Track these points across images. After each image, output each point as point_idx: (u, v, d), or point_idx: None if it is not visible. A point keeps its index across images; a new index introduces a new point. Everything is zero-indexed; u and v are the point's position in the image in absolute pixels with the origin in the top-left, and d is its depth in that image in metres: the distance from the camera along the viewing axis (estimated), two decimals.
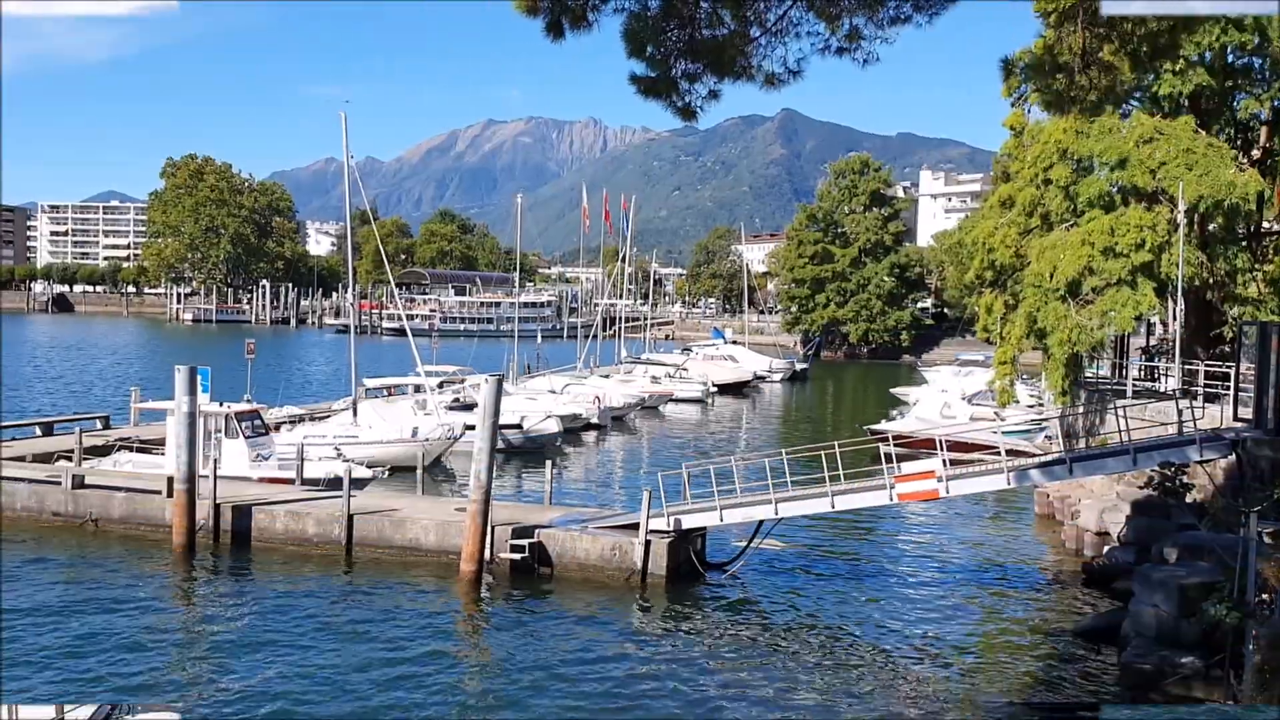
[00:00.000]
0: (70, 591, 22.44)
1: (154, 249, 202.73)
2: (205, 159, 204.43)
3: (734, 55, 12.38)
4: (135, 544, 26.40)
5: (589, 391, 55.39)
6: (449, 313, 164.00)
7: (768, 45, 12.68)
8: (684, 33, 12.31)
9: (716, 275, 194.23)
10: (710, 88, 12.72)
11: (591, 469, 42.23)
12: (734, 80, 12.74)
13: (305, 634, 20.22)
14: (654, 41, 12.26)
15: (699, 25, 12.26)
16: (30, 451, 32.74)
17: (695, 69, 12.48)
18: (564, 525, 25.16)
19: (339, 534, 25.85)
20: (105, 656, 18.70)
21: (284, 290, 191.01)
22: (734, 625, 21.97)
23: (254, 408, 33.51)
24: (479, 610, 22.50)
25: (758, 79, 12.79)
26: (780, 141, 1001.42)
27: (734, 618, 22.45)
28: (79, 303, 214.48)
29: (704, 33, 12.38)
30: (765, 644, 20.77)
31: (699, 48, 12.25)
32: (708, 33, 12.42)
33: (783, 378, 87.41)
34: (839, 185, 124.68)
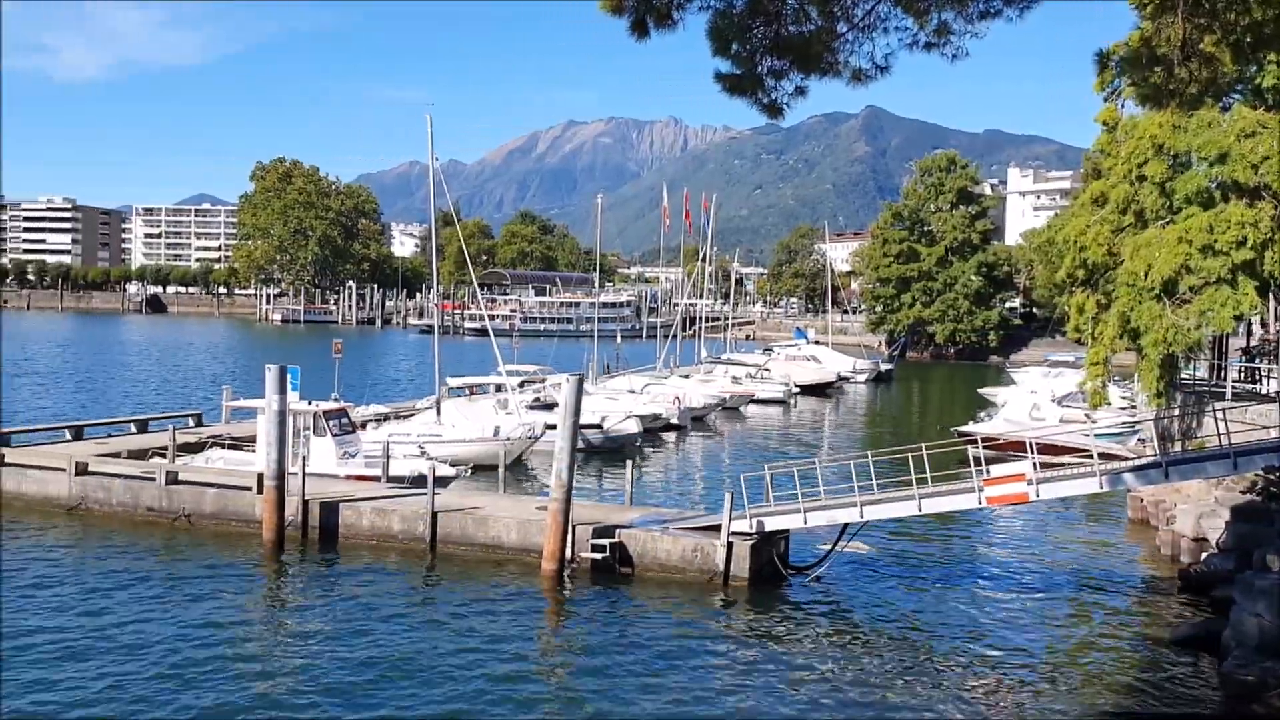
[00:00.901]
0: (164, 585, 22.99)
1: (244, 251, 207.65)
2: (294, 162, 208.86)
3: (821, 51, 12.21)
4: (226, 539, 27.00)
5: (669, 392, 55.32)
6: (529, 313, 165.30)
7: (855, 41, 12.49)
8: (770, 29, 12.17)
9: (799, 274, 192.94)
10: (796, 84, 12.57)
11: (671, 469, 42.15)
12: (820, 76, 12.58)
13: (391, 629, 20.46)
14: (739, 39, 12.14)
15: (785, 21, 12.11)
16: (125, 448, 33.65)
17: (781, 66, 12.34)
18: (645, 525, 25.12)
19: (423, 531, 26.13)
20: (198, 647, 19.10)
21: (369, 291, 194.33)
22: (818, 629, 21.70)
23: (341, 406, 34.01)
24: (561, 609, 22.56)
25: (844, 75, 12.61)
26: (864, 139, 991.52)
27: (818, 621, 22.18)
28: (172, 303, 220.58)
29: (790, 29, 12.23)
30: (850, 648, 20.48)
31: (785, 44, 12.11)
32: (794, 29, 12.26)
33: (867, 379, 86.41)
34: (925, 183, 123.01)
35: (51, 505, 29.41)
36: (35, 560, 24.60)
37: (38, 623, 20.15)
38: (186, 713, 16.43)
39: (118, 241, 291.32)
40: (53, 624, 20.12)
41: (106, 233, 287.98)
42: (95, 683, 17.38)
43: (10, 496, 29.94)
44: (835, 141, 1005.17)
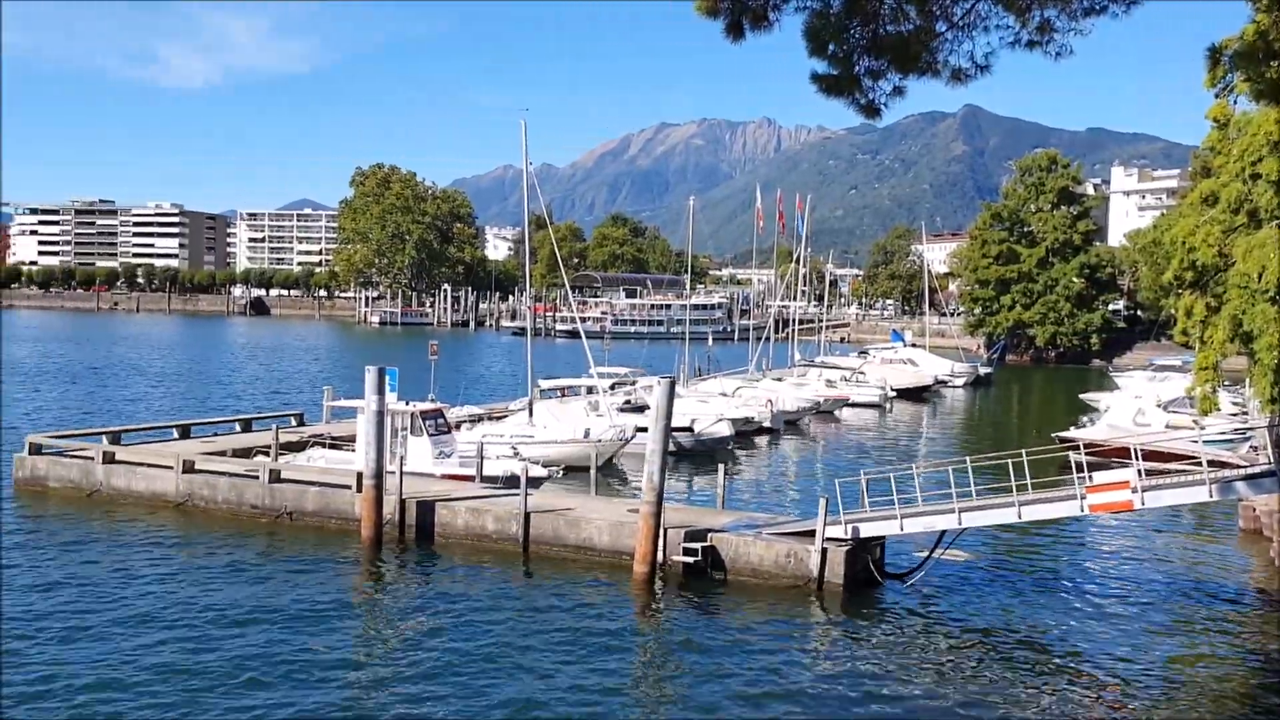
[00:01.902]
0: (266, 580, 23.57)
1: (344, 255, 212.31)
2: (391, 168, 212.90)
3: (919, 51, 12.04)
4: (326, 536, 27.58)
5: (761, 395, 54.98)
6: (620, 315, 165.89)
7: (954, 40, 12.29)
8: (867, 29, 12.03)
9: (895, 276, 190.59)
10: (894, 84, 12.41)
11: (764, 473, 41.89)
12: (919, 76, 12.40)
13: (485, 628, 20.67)
14: (836, 39, 12.02)
15: (883, 21, 11.96)
16: (230, 447, 34.60)
17: (879, 66, 12.19)
18: (737, 530, 24.99)
19: (516, 531, 26.37)
20: (297, 640, 19.54)
21: (464, 294, 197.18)
22: (914, 637, 21.35)
23: (437, 407, 34.50)
24: (653, 612, 22.55)
25: (943, 74, 12.41)
26: (962, 138, 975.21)
27: (914, 630, 21.82)
28: (274, 306, 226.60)
29: (888, 29, 12.08)
30: (945, 657, 20.11)
31: (883, 44, 11.96)
32: (892, 29, 12.11)
33: (965, 382, 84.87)
34: (1025, 182, 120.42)
35: (160, 502, 30.38)
36: (143, 555, 25.43)
37: (145, 611, 20.81)
38: (288, 707, 16.80)
39: (223, 246, 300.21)
40: (159, 616, 20.75)
41: (212, 237, 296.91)
42: (197, 673, 17.89)
43: (121, 493, 31.03)
44: (932, 141, 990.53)
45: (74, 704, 16.56)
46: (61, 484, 31.91)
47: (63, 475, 32.04)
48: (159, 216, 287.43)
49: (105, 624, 20.19)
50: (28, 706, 16.43)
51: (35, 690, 16.99)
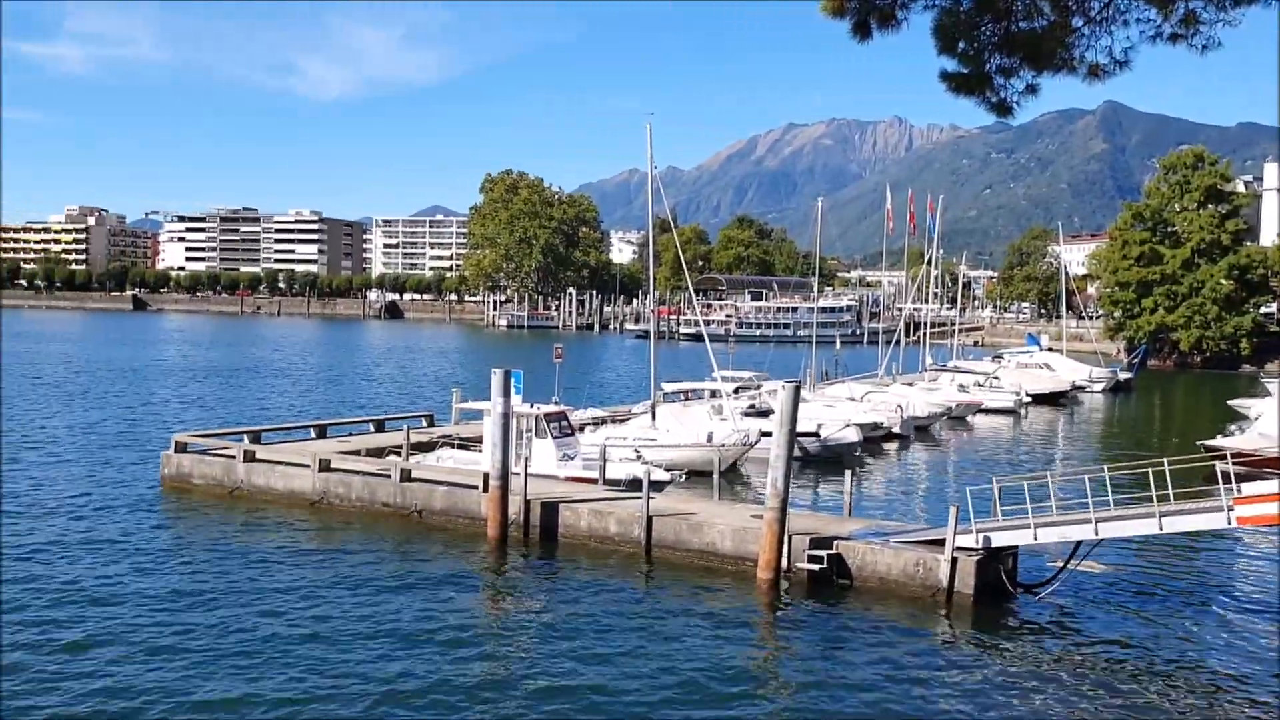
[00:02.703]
0: (397, 577, 24.12)
1: (473, 259, 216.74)
2: (520, 173, 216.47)
3: (1054, 47, 11.64)
4: (454, 535, 28.10)
5: (891, 400, 53.99)
6: (745, 318, 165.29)
7: (1091, 35, 11.85)
8: (998, 26, 11.70)
9: (1031, 278, 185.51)
10: (1027, 82, 12.04)
11: (893, 480, 41.11)
12: (1053, 73, 12.01)
13: (607, 630, 20.75)
14: (966, 37, 11.72)
15: (1015, 18, 11.61)
16: (364, 446, 35.57)
17: (1011, 63, 11.84)
18: (864, 537, 24.56)
19: (639, 534, 26.43)
20: (423, 637, 19.94)
21: (589, 297, 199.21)
22: (1045, 651, 20.62)
23: (561, 409, 34.83)
24: (777, 619, 22.33)
25: (1080, 71, 11.97)
26: (1102, 135, 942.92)
27: (1046, 643, 21.09)
28: (408, 309, 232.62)
29: (1020, 25, 11.73)
30: (1080, 674, 19.36)
31: (1015, 41, 11.61)
32: (1024, 25, 11.76)
33: (1104, 388, 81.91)
34: (1169, 181, 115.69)
35: (297, 499, 31.40)
36: (281, 551, 26.31)
37: (279, 607, 21.52)
38: (414, 701, 17.14)
39: (359, 251, 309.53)
40: (292, 613, 21.42)
41: (349, 243, 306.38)
42: (324, 668, 18.40)
43: (261, 490, 32.19)
44: (1070, 139, 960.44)
45: (219, 692, 17.21)
46: (205, 481, 33.27)
47: (206, 473, 33.40)
48: (299, 223, 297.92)
49: (244, 618, 20.93)
50: (171, 700, 17.13)
51: (181, 677, 17.72)
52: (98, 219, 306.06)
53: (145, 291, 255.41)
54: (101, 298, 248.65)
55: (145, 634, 19.79)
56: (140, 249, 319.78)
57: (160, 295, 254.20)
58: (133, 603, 21.72)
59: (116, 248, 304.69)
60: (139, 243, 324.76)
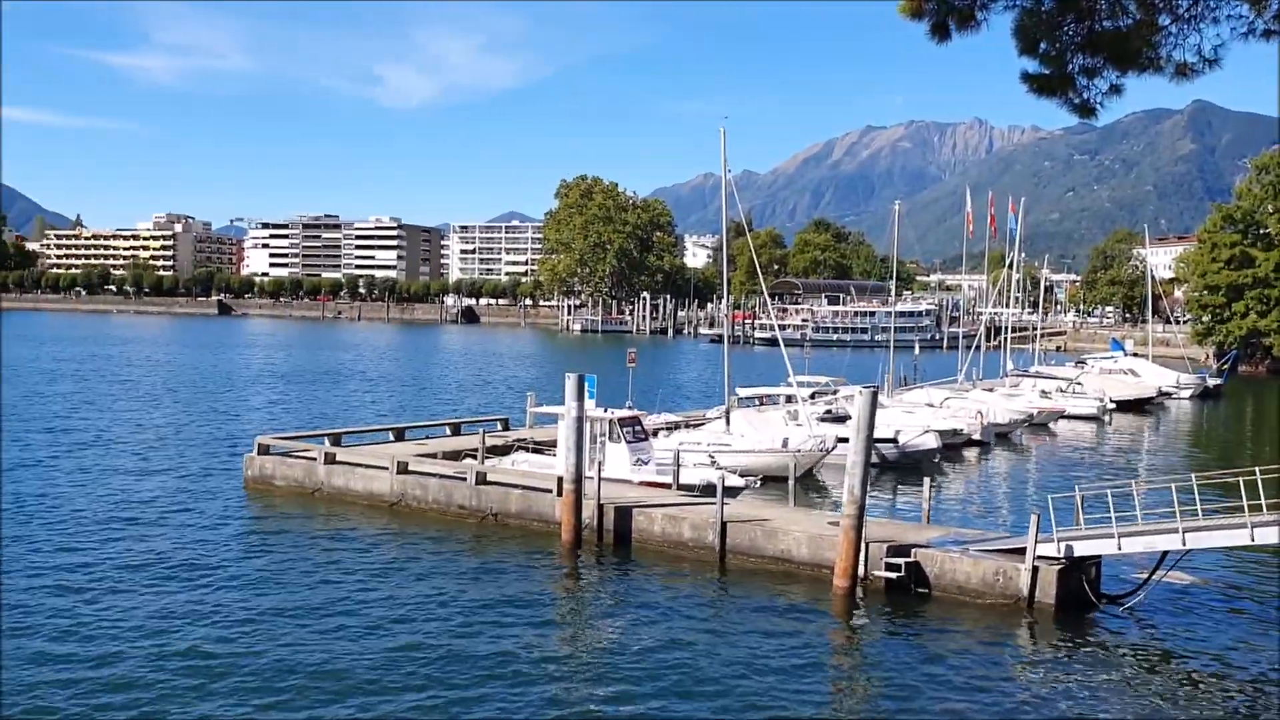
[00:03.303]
0: (473, 579, 24.33)
1: (548, 264, 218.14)
2: (594, 179, 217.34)
3: (1139, 46, 11.35)
4: (528, 538, 28.28)
5: (970, 406, 53.16)
6: (822, 322, 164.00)
7: (1179, 33, 11.54)
8: (1081, 26, 11.45)
9: (1115, 282, 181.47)
10: (1111, 82, 11.75)
11: (972, 488, 40.46)
12: (1139, 73, 11.71)
13: (681, 636, 20.69)
14: (1048, 37, 11.50)
15: (1099, 17, 11.35)
16: (441, 449, 36.00)
17: (1094, 63, 11.58)
18: (943, 545, 24.19)
19: (713, 540, 26.34)
20: (501, 640, 20.08)
21: (663, 302, 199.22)
22: (1129, 664, 20.11)
23: (635, 414, 34.88)
24: (854, 628, 22.09)
25: (1167, 70, 11.67)
26: (1190, 136, 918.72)
27: (1129, 655, 20.55)
28: (484, 314, 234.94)
29: (1104, 24, 11.46)
30: (1165, 688, 18.84)
31: (1099, 40, 11.35)
32: (1109, 24, 11.48)
33: (1192, 395, 79.74)
34: (1261, 181, 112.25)
35: (376, 501, 31.88)
36: (360, 552, 26.71)
37: (356, 608, 21.83)
38: (487, 703, 17.26)
39: (437, 257, 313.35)
40: (369, 613, 21.72)
41: (427, 249, 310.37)
42: (399, 667, 18.62)
43: (341, 492, 32.73)
44: (1157, 139, 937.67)
45: (295, 688, 17.51)
46: (287, 483, 33.93)
47: (288, 474, 34.06)
48: (379, 230, 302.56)
49: (323, 618, 21.29)
50: (262, 697, 17.48)
51: (264, 673, 18.08)
52: (185, 226, 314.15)
53: (230, 297, 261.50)
54: (188, 303, 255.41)
55: (229, 632, 20.24)
56: (225, 255, 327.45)
57: (244, 300, 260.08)
58: (212, 604, 22.21)
59: (203, 254, 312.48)
60: (224, 249, 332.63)
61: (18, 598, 21.99)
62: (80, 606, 21.56)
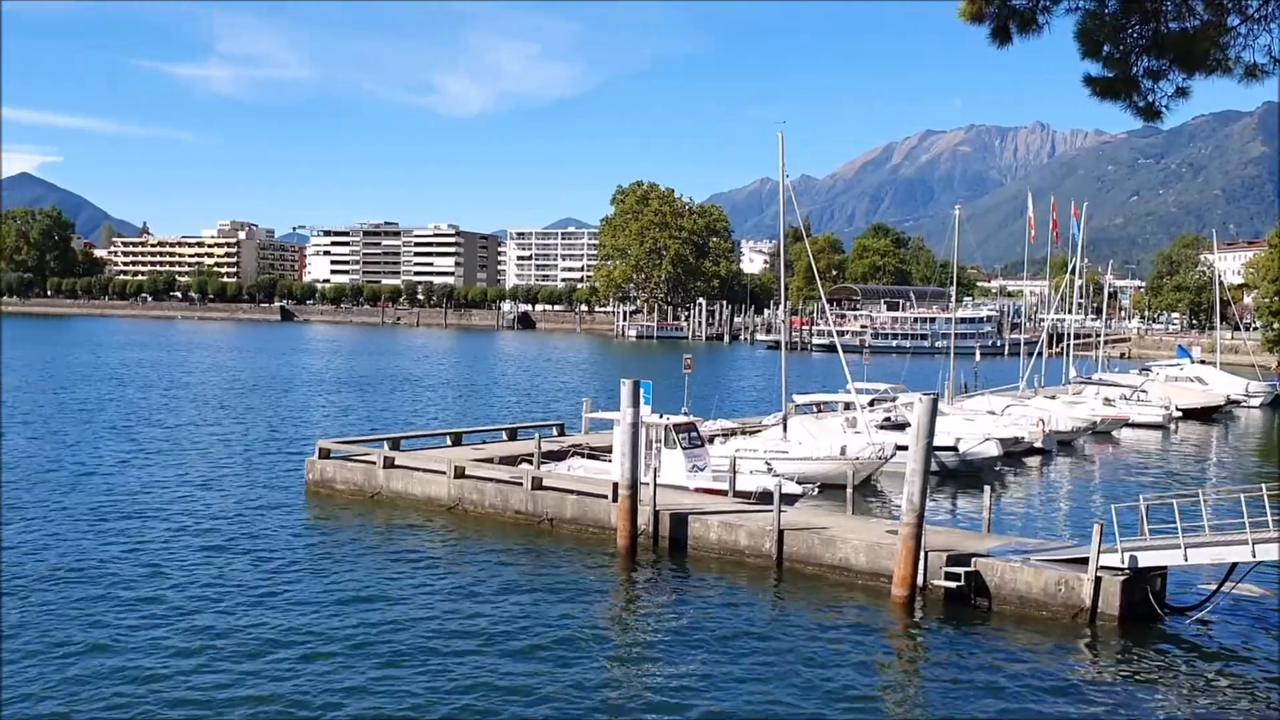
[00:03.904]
0: (529, 583, 24.44)
1: (604, 271, 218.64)
2: (650, 185, 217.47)
3: (1207, 48, 11.13)
4: (584, 543, 28.34)
5: (1032, 413, 52.39)
6: (880, 329, 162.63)
7: (1248, 34, 11.29)
8: (1146, 28, 11.25)
9: (1181, 288, 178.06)
10: (1177, 84, 11.52)
11: (1034, 497, 39.86)
12: (1206, 75, 11.47)
13: (737, 645, 20.61)
14: (1111, 39, 11.31)
15: (1165, 18, 11.15)
16: (497, 454, 36.22)
17: (1159, 65, 11.37)
18: (1003, 555, 23.86)
19: (769, 548, 26.20)
20: (556, 644, 20.14)
21: (719, 308, 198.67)
22: (1196, 678, 19.66)
23: (691, 420, 34.79)
24: (913, 638, 21.84)
25: (1235, 72, 11.41)
26: (1261, 138, 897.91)
27: (1196, 669, 20.10)
28: (540, 320, 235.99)
29: (1170, 26, 11.24)
30: (1232, 703, 18.39)
31: (1165, 42, 11.14)
32: (1175, 26, 11.26)
33: (1262, 403, 77.85)
34: None
35: (433, 504, 32.16)
36: (418, 555, 26.94)
37: (413, 611, 22.02)
38: (537, 709, 17.31)
39: (494, 263, 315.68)
40: (428, 614, 21.89)
41: (484, 256, 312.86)
42: (453, 668, 18.74)
43: (399, 495, 33.07)
44: (1225, 142, 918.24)
45: (352, 689, 17.71)
46: (347, 486, 34.35)
47: (348, 478, 34.48)
48: (437, 237, 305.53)
49: (379, 619, 21.51)
50: (319, 694, 17.70)
51: (319, 673, 18.30)
52: (248, 233, 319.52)
53: (292, 303, 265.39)
54: (251, 309, 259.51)
55: (285, 631, 20.51)
56: (288, 262, 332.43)
57: (306, 307, 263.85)
58: (276, 604, 22.52)
59: (265, 261, 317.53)
60: (286, 256, 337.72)
61: (96, 591, 22.49)
62: (154, 605, 21.99)
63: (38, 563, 25.20)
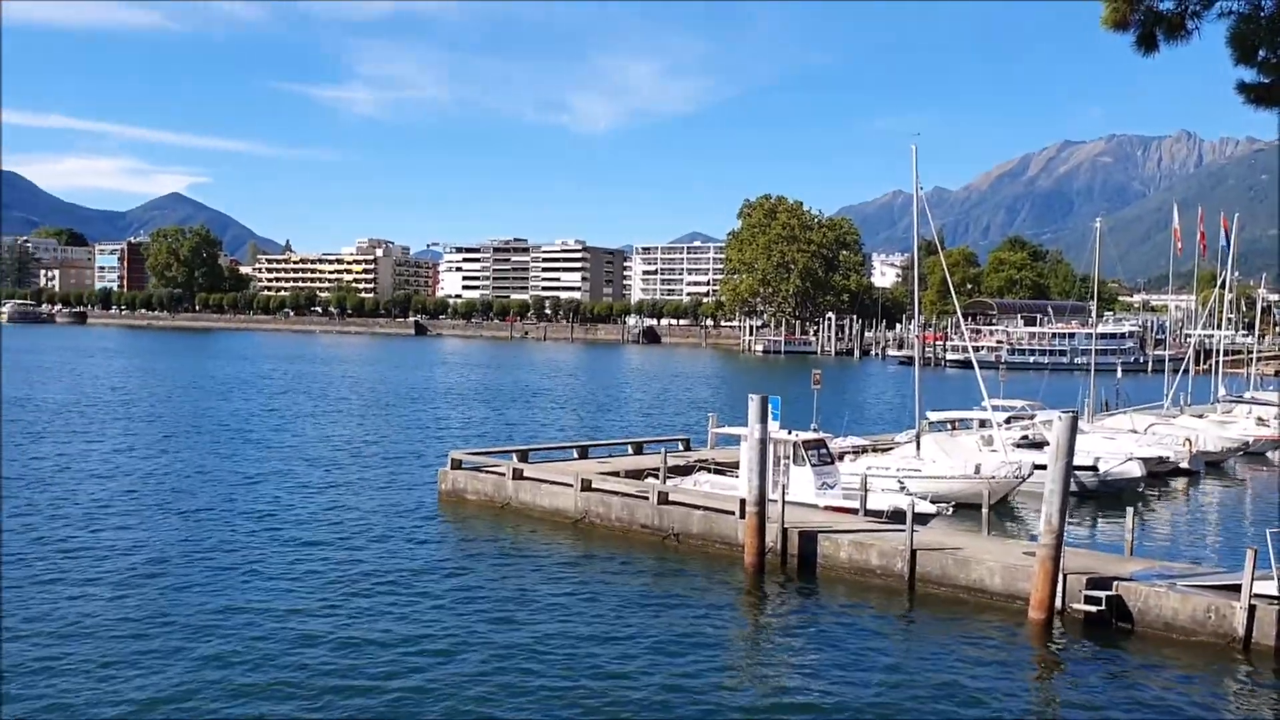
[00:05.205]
0: (655, 598, 24.46)
1: (730, 285, 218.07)
2: (778, 198, 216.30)
3: None
4: (710, 560, 28.23)
5: (1178, 433, 50.24)
6: (1017, 344, 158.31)
7: None
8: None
9: None
10: None
11: (1180, 519, 38.18)
12: None
13: (868, 667, 20.23)
14: (1268, 44, 10.78)
15: None
16: (623, 468, 36.39)
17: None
18: (1147, 579, 22.89)
19: (901, 568, 25.68)
20: (681, 661, 20.08)
21: (849, 322, 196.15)
22: None
23: (820, 437, 34.41)
24: (1050, 663, 21.10)
25: None
26: None
27: None
28: (665, 335, 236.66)
29: None
30: None
31: None
32: None
33: None
34: None
35: (560, 517, 32.50)
36: (545, 567, 27.23)
37: (541, 621, 22.25)
38: None
39: (620, 278, 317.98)
40: (552, 628, 22.09)
41: (610, 271, 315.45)
42: (579, 684, 18.84)
43: (527, 507, 33.52)
44: None
45: (477, 698, 17.97)
46: (477, 497, 35.01)
47: (478, 489, 35.13)
48: (564, 252, 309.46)
49: (506, 629, 21.79)
50: (436, 700, 18.02)
51: (446, 678, 18.63)
52: (385, 250, 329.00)
53: (425, 318, 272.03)
54: (387, 323, 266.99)
55: (415, 637, 20.96)
56: (422, 278, 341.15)
57: (438, 321, 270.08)
58: (409, 611, 23.04)
59: (401, 277, 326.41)
60: (421, 272, 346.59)
61: (245, 597, 23.40)
62: (300, 601, 22.75)
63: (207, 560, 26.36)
